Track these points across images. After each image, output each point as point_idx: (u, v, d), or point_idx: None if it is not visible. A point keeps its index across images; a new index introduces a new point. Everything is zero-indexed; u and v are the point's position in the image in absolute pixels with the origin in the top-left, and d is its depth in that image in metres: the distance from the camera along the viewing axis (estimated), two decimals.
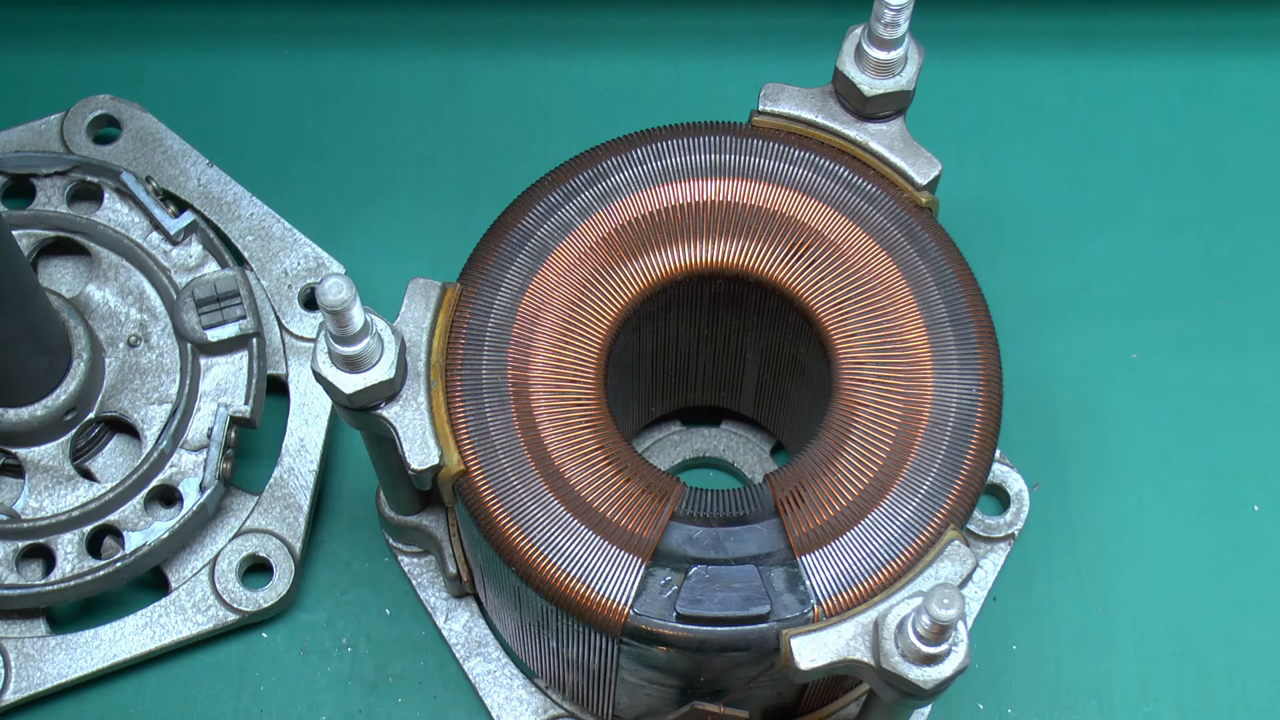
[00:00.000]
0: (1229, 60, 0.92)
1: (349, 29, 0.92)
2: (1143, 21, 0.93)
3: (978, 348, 0.67)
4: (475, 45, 0.92)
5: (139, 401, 0.79)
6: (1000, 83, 0.92)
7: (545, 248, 0.68)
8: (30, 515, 0.77)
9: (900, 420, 0.65)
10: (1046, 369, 0.84)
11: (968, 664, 0.59)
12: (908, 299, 0.67)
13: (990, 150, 0.90)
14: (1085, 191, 0.89)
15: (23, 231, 0.81)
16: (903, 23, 0.66)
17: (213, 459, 0.77)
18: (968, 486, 0.65)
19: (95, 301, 0.80)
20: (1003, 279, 0.83)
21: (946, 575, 0.62)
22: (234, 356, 0.80)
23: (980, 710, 0.78)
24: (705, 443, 0.82)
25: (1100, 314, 0.86)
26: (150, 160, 0.84)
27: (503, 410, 0.66)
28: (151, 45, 0.92)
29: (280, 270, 0.83)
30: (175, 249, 0.81)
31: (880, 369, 0.66)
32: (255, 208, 0.84)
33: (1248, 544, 0.82)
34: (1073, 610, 0.80)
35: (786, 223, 0.69)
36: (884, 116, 0.70)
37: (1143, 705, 0.78)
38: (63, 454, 0.78)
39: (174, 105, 0.88)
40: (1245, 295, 0.87)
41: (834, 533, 0.63)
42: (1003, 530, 0.79)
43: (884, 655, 0.59)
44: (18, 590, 0.76)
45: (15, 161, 0.83)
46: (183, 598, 0.77)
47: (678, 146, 0.70)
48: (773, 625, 0.62)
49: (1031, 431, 0.82)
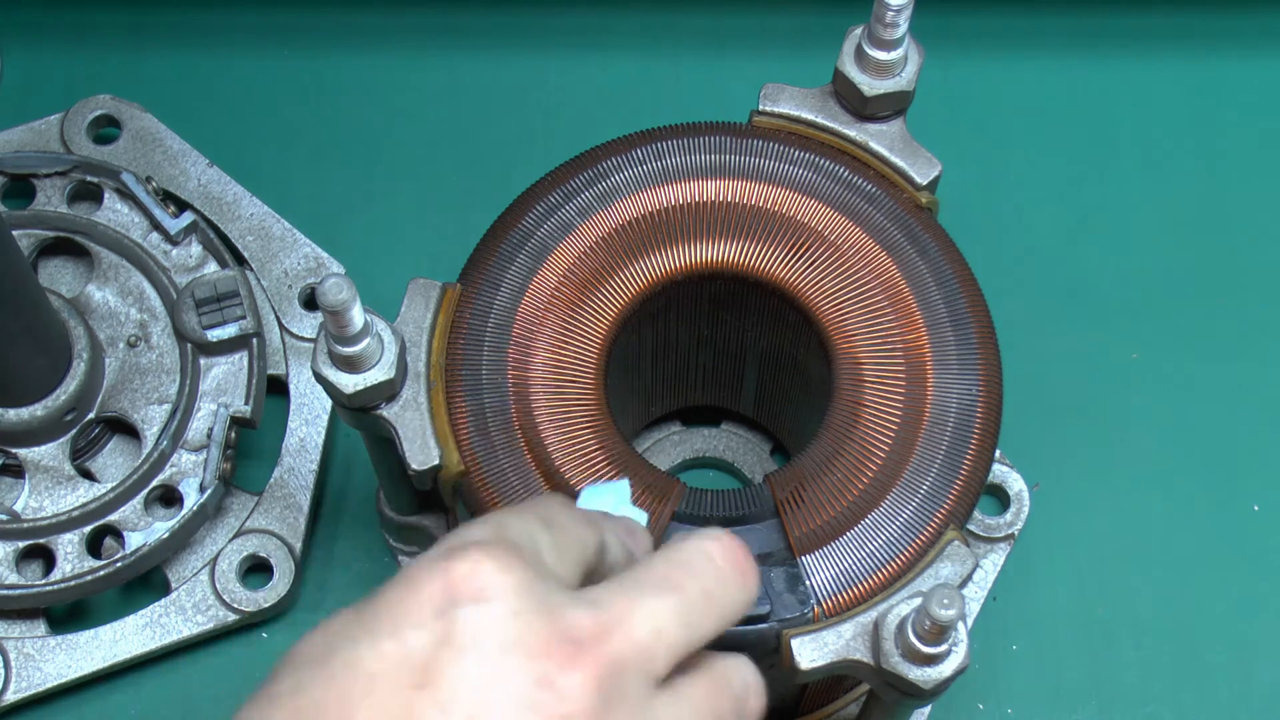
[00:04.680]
0: (1229, 60, 0.92)
1: (349, 29, 0.92)
2: (1143, 21, 0.93)
3: (978, 348, 0.67)
4: (475, 45, 0.92)
5: (139, 401, 0.79)
6: (1000, 83, 0.92)
7: (545, 248, 0.68)
8: (30, 515, 0.77)
9: (900, 420, 0.65)
10: (1046, 369, 0.84)
11: (968, 664, 0.59)
12: (908, 299, 0.67)
13: (990, 150, 0.90)
14: (1085, 191, 0.89)
15: (23, 231, 0.81)
16: (903, 23, 0.66)
17: (213, 459, 0.77)
18: (968, 486, 0.65)
19: (95, 301, 0.80)
20: (1003, 279, 0.83)
21: (946, 575, 0.62)
22: (234, 356, 0.80)
23: (980, 710, 0.78)
24: (705, 443, 0.82)
25: (1100, 314, 0.86)
26: (150, 160, 0.84)
27: (503, 410, 0.66)
28: (151, 45, 0.92)
29: (280, 270, 0.83)
30: (175, 249, 0.81)
31: (880, 369, 0.66)
32: (255, 208, 0.84)
33: (1248, 544, 0.82)
34: (1073, 610, 0.80)
35: (786, 223, 0.69)
36: (884, 116, 0.70)
37: (1143, 705, 0.78)
38: (63, 454, 0.78)
39: (174, 105, 0.88)
40: (1245, 295, 0.87)
41: (834, 533, 0.63)
42: (1003, 530, 0.79)
43: (884, 655, 0.59)
44: (18, 590, 0.76)
45: (15, 161, 0.83)
46: (183, 598, 0.77)
47: (678, 146, 0.70)
48: (773, 625, 0.62)
49: (1031, 431, 0.82)
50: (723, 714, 0.48)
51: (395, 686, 0.43)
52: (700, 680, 0.48)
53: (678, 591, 0.47)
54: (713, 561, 0.49)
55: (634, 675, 0.45)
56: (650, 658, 0.46)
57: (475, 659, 0.44)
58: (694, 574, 0.48)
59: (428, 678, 0.43)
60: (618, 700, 0.44)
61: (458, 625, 0.44)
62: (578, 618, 0.45)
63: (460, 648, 0.44)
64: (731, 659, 0.50)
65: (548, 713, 0.43)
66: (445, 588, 0.45)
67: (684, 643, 0.47)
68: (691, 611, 0.47)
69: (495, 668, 0.44)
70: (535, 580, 0.45)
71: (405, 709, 0.43)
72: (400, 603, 0.45)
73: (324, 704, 0.44)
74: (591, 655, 0.44)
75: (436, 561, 0.45)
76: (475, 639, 0.44)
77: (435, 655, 0.44)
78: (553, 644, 0.44)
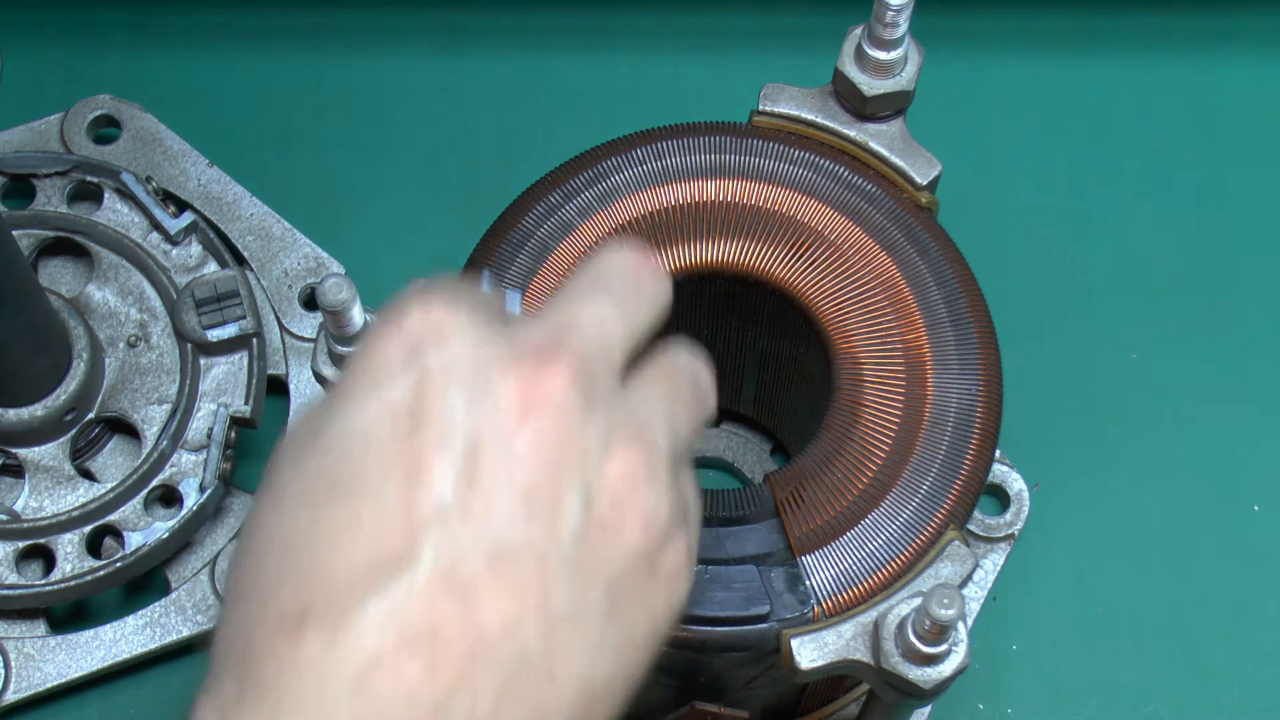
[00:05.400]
0: (1229, 60, 0.92)
1: (349, 29, 0.92)
2: (1143, 21, 0.93)
3: (978, 348, 0.67)
4: (475, 45, 0.92)
5: (139, 401, 0.79)
6: (1000, 83, 0.92)
7: (545, 248, 0.68)
8: (30, 515, 0.77)
9: (900, 420, 0.65)
10: (1046, 369, 0.84)
11: (968, 664, 0.59)
12: (908, 299, 0.67)
13: (990, 150, 0.90)
14: (1085, 191, 0.89)
15: (23, 231, 0.81)
16: (903, 23, 0.66)
17: (213, 459, 0.77)
18: (968, 486, 0.65)
19: (95, 301, 0.80)
20: (1003, 279, 0.83)
21: (946, 575, 0.62)
22: (234, 356, 0.80)
23: (980, 710, 0.78)
24: (705, 443, 0.82)
25: (1100, 314, 0.86)
26: (150, 160, 0.84)
27: None
28: (151, 45, 0.92)
29: (280, 270, 0.83)
30: (175, 249, 0.81)
31: (880, 369, 0.66)
32: (255, 208, 0.84)
33: (1248, 544, 0.82)
34: (1073, 610, 0.80)
35: (787, 223, 0.69)
36: (884, 116, 0.70)
37: (1143, 705, 0.78)
38: (63, 454, 0.78)
39: (174, 105, 0.88)
40: (1245, 295, 0.87)
41: (834, 533, 0.63)
42: (1003, 530, 0.79)
43: (884, 655, 0.59)
44: (18, 590, 0.76)
45: (15, 161, 0.83)
46: (183, 598, 0.77)
47: (678, 146, 0.70)
48: (773, 625, 0.62)
49: (1031, 431, 0.82)
50: (683, 392, 0.51)
51: (392, 436, 0.45)
52: (652, 371, 0.51)
53: (607, 291, 0.50)
54: (625, 261, 0.51)
55: (599, 369, 0.48)
56: (607, 350, 0.48)
57: (457, 388, 0.45)
58: (614, 275, 0.51)
59: (419, 419, 0.45)
60: (593, 393, 0.47)
61: (429, 365, 0.45)
62: (531, 334, 0.47)
63: (439, 383, 0.45)
64: (667, 349, 0.52)
65: (539, 413, 0.45)
66: (403, 340, 0.46)
67: (629, 334, 0.50)
68: (625, 304, 0.50)
69: (477, 388, 0.45)
70: (482, 315, 0.47)
71: (409, 454, 0.44)
72: (368, 368, 0.46)
73: (330, 474, 0.45)
74: (558, 357, 0.46)
75: (385, 325, 0.47)
76: (449, 371, 0.45)
77: (418, 398, 0.45)
78: (521, 357, 0.46)
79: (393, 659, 0.43)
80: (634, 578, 0.47)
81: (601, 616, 0.46)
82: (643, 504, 0.47)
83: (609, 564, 0.46)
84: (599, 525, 0.46)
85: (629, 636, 0.47)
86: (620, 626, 0.47)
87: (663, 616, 0.49)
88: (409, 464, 0.44)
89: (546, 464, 0.45)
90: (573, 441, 0.46)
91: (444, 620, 0.43)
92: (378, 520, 0.44)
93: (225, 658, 0.45)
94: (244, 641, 0.44)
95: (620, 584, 0.47)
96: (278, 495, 0.46)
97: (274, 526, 0.46)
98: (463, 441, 0.45)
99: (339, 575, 0.44)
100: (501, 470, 0.45)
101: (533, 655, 0.44)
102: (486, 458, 0.45)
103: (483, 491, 0.45)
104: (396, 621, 0.43)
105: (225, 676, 0.44)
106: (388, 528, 0.44)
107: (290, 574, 0.44)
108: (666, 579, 0.48)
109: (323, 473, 0.45)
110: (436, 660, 0.43)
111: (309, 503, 0.45)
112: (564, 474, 0.46)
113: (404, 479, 0.44)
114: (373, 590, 0.43)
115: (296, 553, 0.45)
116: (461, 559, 0.44)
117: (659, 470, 0.48)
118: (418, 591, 0.43)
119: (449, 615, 0.43)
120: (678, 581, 0.49)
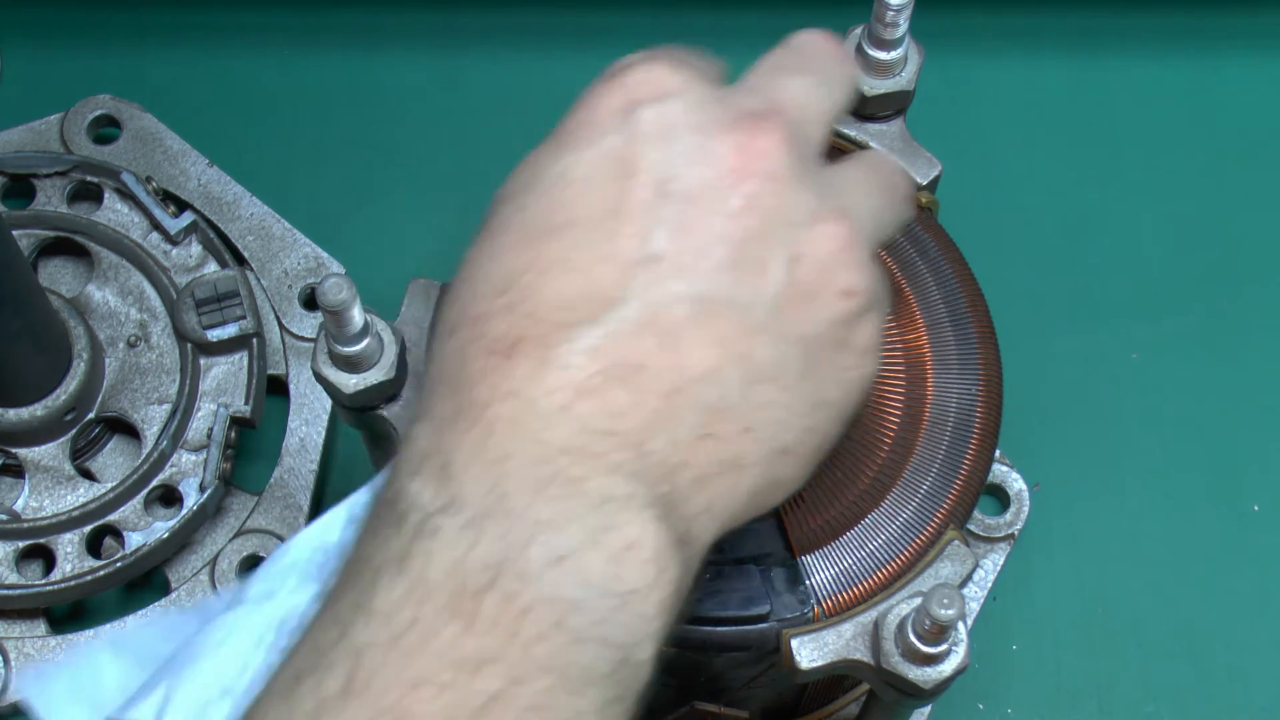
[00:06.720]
0: (1229, 60, 0.92)
1: (349, 29, 0.92)
2: (1143, 21, 0.93)
3: (978, 347, 0.67)
4: (475, 45, 0.92)
5: (139, 401, 0.79)
6: (1000, 83, 0.92)
7: None
8: (30, 515, 0.77)
9: (900, 420, 0.65)
10: (1046, 369, 0.84)
11: (968, 664, 0.59)
12: (907, 299, 0.67)
13: (990, 150, 0.90)
14: (1085, 191, 0.89)
15: (23, 231, 0.81)
16: (903, 23, 0.66)
17: (213, 459, 0.77)
18: (968, 486, 0.64)
19: (95, 301, 0.80)
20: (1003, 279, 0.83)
21: (946, 575, 0.62)
22: (234, 356, 0.80)
23: (980, 710, 0.78)
24: None
25: (1100, 314, 0.86)
26: (150, 160, 0.84)
27: None
28: (151, 45, 0.92)
29: (280, 270, 0.83)
30: (175, 249, 0.81)
31: (880, 369, 0.66)
32: (255, 208, 0.84)
33: (1248, 544, 0.82)
34: (1073, 610, 0.80)
35: None
36: (884, 116, 0.70)
37: (1143, 705, 0.78)
38: (63, 454, 0.78)
39: (174, 105, 0.88)
40: (1245, 295, 0.87)
41: (834, 533, 0.63)
42: (1003, 530, 0.79)
43: (884, 655, 0.59)
44: (18, 590, 0.76)
45: (15, 161, 0.83)
46: (183, 598, 0.77)
47: None
48: (773, 625, 0.62)
49: (1031, 431, 0.82)
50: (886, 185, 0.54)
51: (609, 183, 0.47)
52: (858, 159, 0.53)
53: (808, 70, 0.52)
54: (822, 43, 0.54)
55: (808, 139, 0.50)
56: (814, 124, 0.51)
57: (674, 142, 0.47)
58: (814, 55, 0.53)
59: (636, 169, 0.47)
60: (803, 163, 0.48)
61: (649, 118, 0.48)
62: (746, 100, 0.49)
63: (657, 137, 0.47)
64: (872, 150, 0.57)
65: (753, 174, 0.47)
66: (624, 95, 0.49)
67: (831, 110, 0.52)
68: (826, 83, 0.52)
69: (693, 145, 0.47)
70: (703, 77, 0.49)
71: (624, 201, 0.47)
72: (588, 119, 0.49)
73: (547, 212, 0.47)
74: (774, 122, 0.48)
75: (609, 79, 0.49)
76: (668, 128, 0.47)
77: (637, 150, 0.47)
78: (737, 120, 0.48)
79: (600, 386, 0.45)
80: (829, 345, 0.49)
81: (797, 377, 0.48)
82: (844, 275, 0.49)
83: (807, 328, 0.48)
84: (801, 290, 0.48)
85: (821, 401, 0.49)
86: (814, 390, 0.49)
87: (853, 388, 0.50)
88: (624, 210, 0.46)
89: (757, 224, 0.47)
90: (783, 206, 0.47)
91: (649, 358, 0.45)
92: (590, 260, 0.46)
93: (438, 385, 0.47)
94: (457, 368, 0.46)
95: (816, 349, 0.48)
96: (495, 234, 0.48)
97: (490, 262, 0.48)
98: (677, 194, 0.46)
99: (550, 309, 0.46)
100: (714, 225, 0.47)
101: (731, 404, 0.46)
102: (699, 211, 0.46)
103: (693, 243, 0.46)
104: (603, 354, 0.45)
105: (437, 403, 0.46)
106: (599, 268, 0.46)
107: (504, 307, 0.46)
108: (858, 352, 0.50)
109: (540, 213, 0.47)
110: (641, 391, 0.45)
111: (525, 241, 0.47)
112: (772, 236, 0.47)
113: (617, 224, 0.46)
114: (581, 324, 0.45)
115: (511, 287, 0.46)
116: (668, 305, 0.46)
117: (860, 248, 0.49)
118: (625, 329, 0.45)
119: (654, 353, 0.45)
120: (868, 357, 0.51)
